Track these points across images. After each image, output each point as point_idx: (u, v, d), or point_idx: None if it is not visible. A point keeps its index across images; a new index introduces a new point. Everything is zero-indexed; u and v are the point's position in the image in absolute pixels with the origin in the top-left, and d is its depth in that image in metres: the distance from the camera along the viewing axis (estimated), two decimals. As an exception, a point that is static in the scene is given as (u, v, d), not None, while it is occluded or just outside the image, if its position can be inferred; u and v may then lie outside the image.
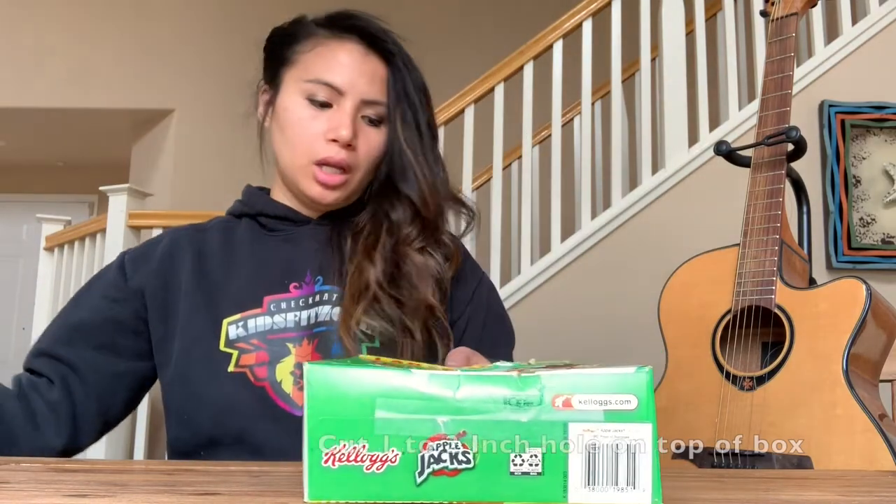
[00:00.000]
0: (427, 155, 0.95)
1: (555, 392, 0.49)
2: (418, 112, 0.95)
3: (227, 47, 4.83)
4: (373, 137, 0.93)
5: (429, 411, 0.49)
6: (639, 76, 3.04)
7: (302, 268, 0.93)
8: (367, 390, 0.49)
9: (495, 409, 0.49)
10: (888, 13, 2.89)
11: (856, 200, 2.82)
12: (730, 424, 1.10)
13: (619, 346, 2.53)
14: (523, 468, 0.49)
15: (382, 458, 0.48)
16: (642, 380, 0.50)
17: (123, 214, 2.95)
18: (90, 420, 0.89)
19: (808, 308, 1.11)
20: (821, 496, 0.56)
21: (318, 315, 0.90)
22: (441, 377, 0.50)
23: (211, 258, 0.95)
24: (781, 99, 1.24)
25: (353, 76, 0.92)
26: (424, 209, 0.94)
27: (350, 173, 0.92)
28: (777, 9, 1.29)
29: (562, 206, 2.81)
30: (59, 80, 4.78)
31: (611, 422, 0.49)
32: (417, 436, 0.49)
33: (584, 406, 0.49)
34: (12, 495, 0.49)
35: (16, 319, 5.95)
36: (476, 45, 4.53)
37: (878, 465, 0.98)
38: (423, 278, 0.91)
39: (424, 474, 0.48)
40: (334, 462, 0.48)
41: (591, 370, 0.50)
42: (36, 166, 6.19)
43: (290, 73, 0.96)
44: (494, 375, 0.50)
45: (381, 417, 0.49)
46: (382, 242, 0.93)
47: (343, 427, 0.49)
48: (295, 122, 0.93)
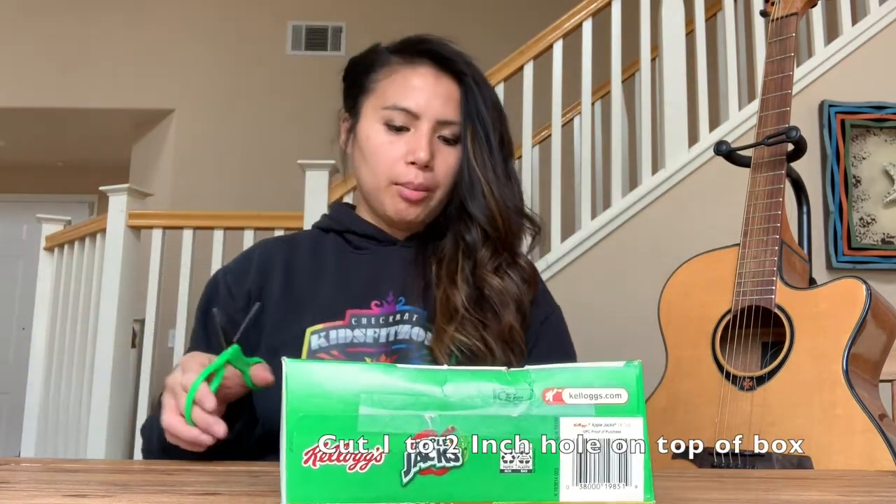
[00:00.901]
0: (498, 171, 0.97)
1: (545, 386, 0.48)
2: (489, 129, 0.97)
3: (227, 47, 4.83)
4: (450, 157, 0.97)
5: (415, 407, 0.47)
6: (639, 76, 3.04)
7: (385, 287, 0.96)
8: (350, 386, 0.47)
9: (484, 404, 0.47)
10: (888, 13, 2.89)
11: (856, 200, 2.82)
12: (730, 424, 1.10)
13: (619, 347, 2.53)
14: (514, 465, 0.47)
15: (366, 456, 0.46)
16: (632, 373, 0.49)
17: (123, 214, 2.95)
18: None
19: (808, 308, 1.10)
20: (821, 496, 0.56)
21: (397, 333, 0.93)
22: (427, 372, 0.48)
23: (299, 271, 0.98)
24: (781, 99, 1.24)
25: (428, 99, 0.95)
26: (493, 230, 0.96)
27: (431, 192, 0.96)
28: (777, 9, 1.29)
29: (562, 205, 2.81)
30: (60, 80, 4.78)
31: (602, 416, 0.48)
32: (403, 433, 0.46)
33: (575, 400, 0.48)
34: (12, 495, 0.49)
35: (16, 319, 5.95)
36: (476, 45, 4.52)
37: (878, 465, 0.98)
38: (505, 304, 0.94)
39: (411, 473, 0.46)
40: (315, 462, 0.45)
41: (581, 364, 0.50)
42: (36, 166, 6.19)
43: (368, 102, 0.99)
44: (482, 371, 0.49)
45: (366, 414, 0.46)
46: (462, 266, 0.96)
47: (324, 425, 0.46)
48: (375, 148, 0.96)
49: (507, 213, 0.97)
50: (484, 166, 0.96)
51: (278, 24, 4.87)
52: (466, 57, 0.99)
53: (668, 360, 1.23)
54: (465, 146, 0.96)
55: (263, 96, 4.75)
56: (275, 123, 4.68)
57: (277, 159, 4.32)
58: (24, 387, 3.25)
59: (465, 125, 0.96)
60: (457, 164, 0.97)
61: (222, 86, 4.79)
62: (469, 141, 0.96)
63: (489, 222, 0.96)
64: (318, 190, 2.75)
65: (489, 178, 0.96)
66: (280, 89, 4.74)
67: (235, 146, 4.71)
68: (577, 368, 0.49)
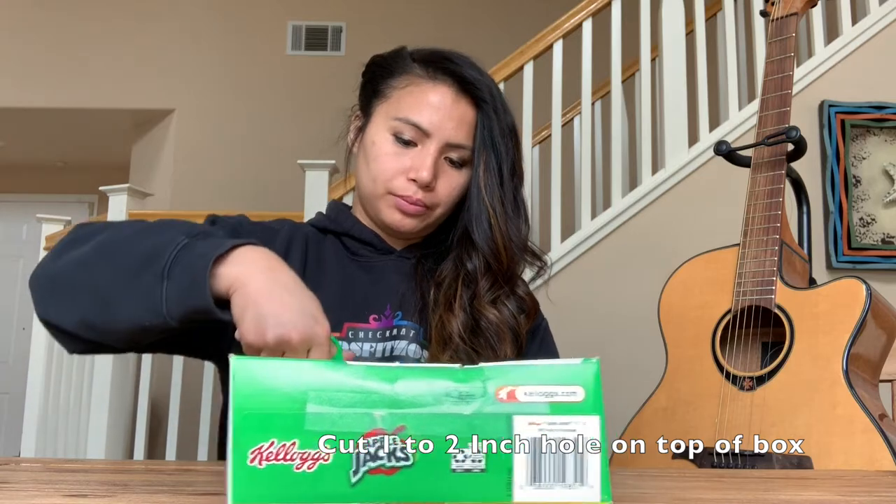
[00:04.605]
0: (506, 203, 0.95)
1: (499, 384, 0.47)
2: (503, 158, 0.95)
3: (227, 47, 4.83)
4: (454, 179, 0.95)
5: (365, 405, 0.45)
6: (639, 76, 3.04)
7: (382, 300, 0.94)
8: (298, 384, 0.45)
9: (436, 403, 0.46)
10: (888, 13, 2.89)
11: (856, 200, 2.82)
12: (730, 424, 1.10)
13: (619, 347, 2.53)
14: (466, 465, 0.46)
15: (314, 455, 0.45)
16: (589, 371, 0.48)
17: (123, 214, 2.94)
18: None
19: (808, 308, 1.10)
20: (821, 496, 0.56)
21: (394, 349, 0.92)
22: (378, 370, 0.47)
23: (307, 272, 0.95)
24: (781, 99, 1.24)
25: (442, 119, 0.93)
26: (495, 262, 0.94)
27: (429, 210, 0.94)
28: (777, 9, 1.29)
29: (562, 205, 2.81)
30: (59, 80, 4.78)
31: (557, 414, 0.46)
32: (352, 431, 0.45)
33: (529, 398, 0.47)
34: (12, 495, 0.49)
35: (16, 319, 5.94)
36: (476, 45, 4.52)
37: (878, 465, 0.98)
38: (502, 338, 0.93)
39: (360, 473, 0.45)
40: (261, 461, 0.44)
41: (537, 362, 0.48)
42: (36, 166, 6.18)
43: (381, 107, 0.97)
44: (435, 368, 0.48)
45: (313, 412, 0.45)
46: (460, 294, 0.94)
47: (271, 423, 0.45)
48: (379, 157, 0.94)
49: (511, 248, 0.95)
50: (492, 196, 0.94)
51: (278, 24, 4.87)
52: (490, 81, 0.96)
53: (668, 359, 1.23)
54: (476, 174, 0.94)
55: (263, 96, 4.75)
56: (275, 123, 4.68)
57: (277, 159, 4.32)
58: (24, 387, 3.25)
59: (479, 153, 0.94)
60: (460, 187, 0.95)
61: (222, 86, 4.79)
62: (481, 170, 0.94)
63: (492, 254, 0.94)
64: (317, 190, 2.75)
65: (497, 210, 0.94)
66: (280, 89, 4.74)
67: (235, 146, 4.70)
68: (533, 366, 0.48)
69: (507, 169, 0.95)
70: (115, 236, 0.71)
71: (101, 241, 0.71)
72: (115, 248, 0.69)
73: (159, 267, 0.64)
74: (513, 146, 0.96)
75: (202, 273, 0.62)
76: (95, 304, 0.67)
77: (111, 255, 0.69)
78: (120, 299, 0.66)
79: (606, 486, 0.46)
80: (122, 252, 0.68)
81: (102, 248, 0.70)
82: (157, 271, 0.64)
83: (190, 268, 0.63)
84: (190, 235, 0.67)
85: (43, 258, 0.75)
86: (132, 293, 0.65)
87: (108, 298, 0.67)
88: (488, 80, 0.96)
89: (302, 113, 4.63)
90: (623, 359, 2.42)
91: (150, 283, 0.64)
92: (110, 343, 0.71)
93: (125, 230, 0.72)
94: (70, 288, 0.70)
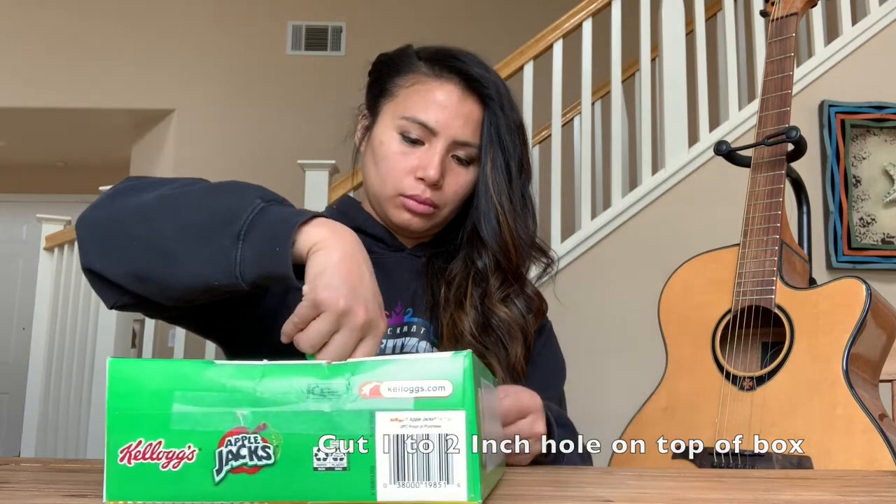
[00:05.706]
0: (514, 200, 0.95)
1: (363, 380, 0.46)
2: (510, 155, 0.95)
3: (227, 47, 4.83)
4: (461, 176, 0.95)
5: (228, 404, 0.45)
6: (639, 76, 3.04)
7: (394, 297, 0.94)
8: (165, 383, 0.46)
9: (297, 400, 0.45)
10: (888, 13, 2.89)
11: (856, 200, 2.82)
12: (730, 424, 1.10)
13: (619, 347, 2.53)
14: (327, 463, 0.45)
15: (179, 455, 0.45)
16: (458, 365, 0.46)
17: (123, 214, 2.94)
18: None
19: (808, 308, 1.10)
20: (821, 496, 0.56)
21: (404, 346, 0.92)
22: (244, 368, 0.46)
23: None
24: (781, 99, 1.24)
25: (448, 117, 0.92)
26: (504, 259, 0.95)
27: (437, 208, 0.94)
28: (777, 9, 1.29)
29: (562, 205, 2.81)
30: (59, 80, 4.78)
31: (421, 410, 0.45)
32: (215, 430, 0.45)
33: (393, 394, 0.45)
34: (12, 495, 0.49)
35: (16, 319, 5.95)
36: (476, 45, 4.52)
37: (878, 465, 0.98)
38: (514, 336, 0.94)
39: (223, 472, 0.45)
40: (130, 460, 0.45)
41: (407, 356, 0.47)
42: (36, 166, 6.19)
43: (388, 106, 0.96)
44: (301, 365, 0.47)
45: (179, 411, 0.45)
46: (471, 292, 0.94)
47: (139, 422, 0.45)
48: (387, 156, 0.94)
49: (520, 244, 0.95)
50: (500, 194, 0.94)
51: (278, 24, 4.88)
52: (497, 78, 0.96)
53: (668, 359, 1.23)
54: (483, 171, 0.94)
55: (263, 96, 4.75)
56: (275, 123, 4.69)
57: (277, 159, 4.32)
58: (24, 387, 3.25)
59: (486, 151, 0.94)
60: (467, 185, 0.95)
61: (222, 86, 4.79)
62: (488, 167, 0.94)
63: (501, 251, 0.94)
64: (318, 190, 2.75)
65: (505, 207, 0.94)
66: (280, 89, 4.74)
67: (235, 146, 4.71)
68: (403, 360, 0.47)
69: (515, 166, 0.95)
70: (182, 190, 0.69)
71: (164, 193, 0.69)
72: (183, 202, 0.67)
73: (235, 228, 0.62)
74: (520, 143, 0.96)
75: (285, 240, 0.61)
76: (154, 256, 0.65)
77: (177, 208, 0.66)
78: (185, 255, 0.64)
79: (475, 484, 0.44)
80: (190, 207, 0.66)
81: (167, 200, 0.68)
82: (232, 232, 0.62)
83: (270, 234, 0.62)
84: (265, 200, 0.65)
85: (95, 200, 0.72)
86: (201, 251, 0.63)
87: (171, 252, 0.64)
88: (495, 77, 0.97)
89: (302, 113, 4.63)
90: (623, 359, 2.42)
91: (223, 243, 0.62)
92: (159, 300, 0.68)
93: (192, 186, 0.70)
94: (125, 237, 0.67)
